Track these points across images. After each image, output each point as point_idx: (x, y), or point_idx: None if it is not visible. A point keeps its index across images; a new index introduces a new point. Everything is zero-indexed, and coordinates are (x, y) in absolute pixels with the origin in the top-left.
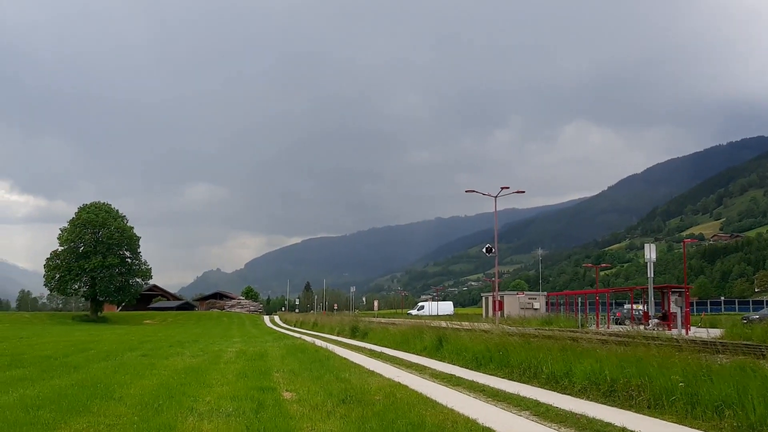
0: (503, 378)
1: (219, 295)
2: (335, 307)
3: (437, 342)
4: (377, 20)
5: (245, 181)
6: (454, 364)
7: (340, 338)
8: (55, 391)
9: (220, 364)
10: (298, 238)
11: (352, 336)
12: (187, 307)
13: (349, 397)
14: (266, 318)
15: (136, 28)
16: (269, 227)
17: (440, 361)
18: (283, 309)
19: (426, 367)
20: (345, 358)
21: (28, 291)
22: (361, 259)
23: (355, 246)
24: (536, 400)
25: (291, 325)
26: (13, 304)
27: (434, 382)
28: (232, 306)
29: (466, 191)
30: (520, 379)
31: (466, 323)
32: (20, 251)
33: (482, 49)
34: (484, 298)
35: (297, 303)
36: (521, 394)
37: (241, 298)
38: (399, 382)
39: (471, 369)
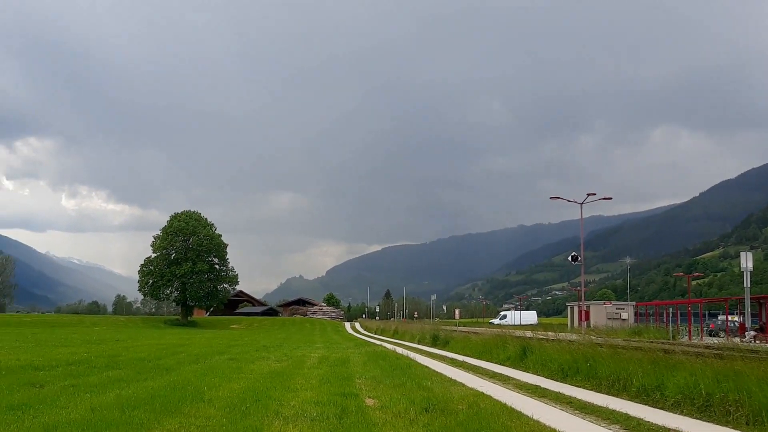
0: (591, 390)
1: (302, 302)
2: (415, 315)
3: (521, 352)
4: (456, 29)
5: (326, 190)
6: (538, 375)
7: (421, 346)
8: (148, 392)
9: (303, 369)
10: (378, 245)
11: (433, 344)
12: (271, 312)
13: (432, 406)
14: (347, 325)
15: (225, 44)
16: (350, 235)
17: (524, 371)
18: (363, 316)
19: (509, 377)
20: (427, 367)
21: (124, 295)
22: (441, 267)
23: (436, 254)
24: (626, 414)
25: (372, 333)
26: (110, 308)
27: (518, 392)
28: (314, 312)
29: (550, 198)
30: (609, 392)
31: (551, 333)
32: (116, 258)
33: (563, 52)
34: (569, 308)
35: (377, 310)
36: (610, 407)
37: (323, 304)
38: (482, 392)
39: (557, 380)
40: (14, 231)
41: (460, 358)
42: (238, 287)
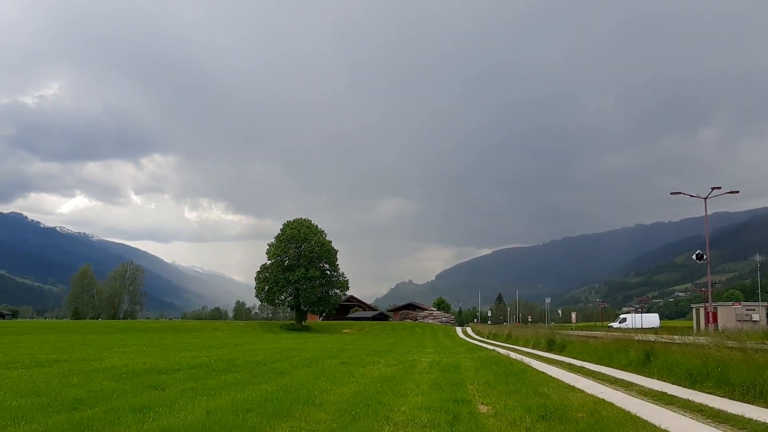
0: (723, 397)
1: (412, 306)
2: (529, 319)
3: (644, 356)
4: (565, 20)
5: (434, 194)
6: (664, 381)
7: (535, 351)
8: (262, 395)
9: (414, 374)
10: (488, 249)
11: (549, 349)
12: (382, 317)
13: (549, 414)
14: (458, 329)
15: (334, 57)
16: (459, 239)
17: (648, 377)
18: (475, 321)
19: (632, 383)
20: (542, 372)
21: (243, 301)
22: (555, 269)
23: (549, 256)
24: (765, 423)
25: (484, 337)
26: (231, 314)
27: (643, 399)
28: (425, 317)
29: (671, 193)
30: (743, 399)
31: (677, 336)
32: (235, 265)
33: (678, 41)
34: (694, 310)
35: (489, 315)
36: (746, 416)
37: (433, 309)
38: (603, 399)
39: (684, 386)
40: (143, 242)
41: (578, 363)
42: (348, 292)
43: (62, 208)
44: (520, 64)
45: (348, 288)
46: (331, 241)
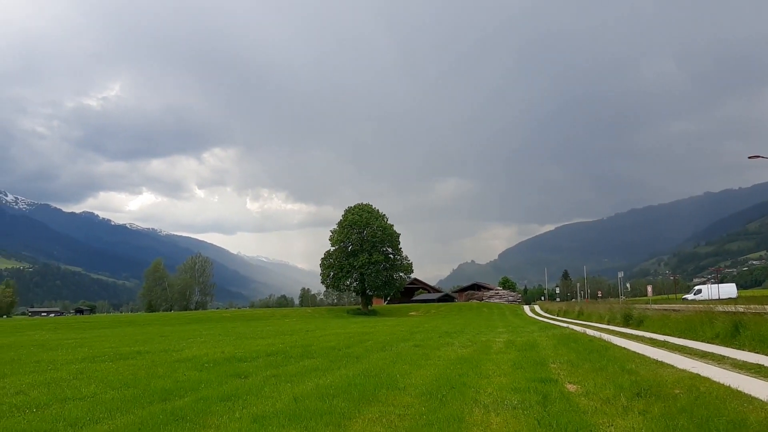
0: None
1: (476, 286)
2: (599, 295)
3: (732, 328)
4: None
5: (492, 172)
6: (757, 353)
7: (611, 327)
8: (344, 380)
9: (491, 355)
10: (551, 225)
11: (625, 324)
12: (447, 298)
13: (644, 391)
14: (526, 308)
15: (385, 39)
16: (520, 216)
17: (738, 349)
18: (542, 298)
19: (723, 356)
20: (625, 348)
21: (308, 288)
22: (621, 242)
23: (614, 229)
24: None
25: (553, 315)
26: (297, 301)
27: (739, 373)
28: (490, 297)
29: (749, 157)
30: None
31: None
32: (298, 253)
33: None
34: None
35: (557, 292)
36: None
37: (498, 288)
38: (698, 374)
39: None
40: (209, 235)
41: (660, 337)
42: (412, 275)
43: (130, 206)
44: (573, 31)
45: (412, 271)
46: (392, 225)
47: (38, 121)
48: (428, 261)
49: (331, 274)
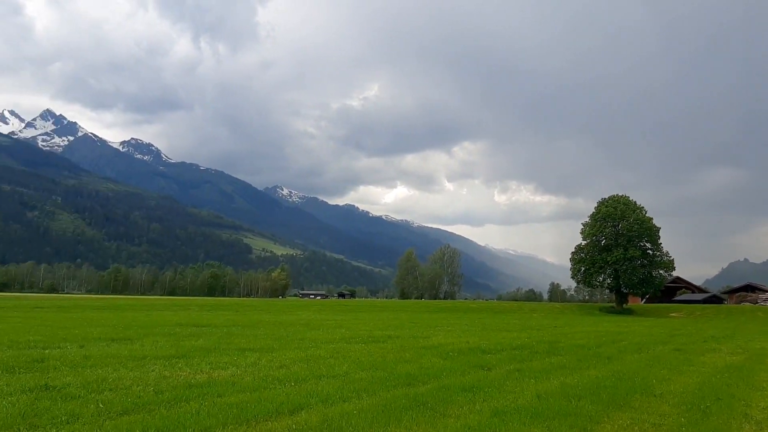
0: None
1: (750, 288)
2: None
3: None
4: None
5: None
6: None
7: None
8: (592, 381)
9: (766, 364)
10: None
11: None
12: (714, 300)
13: None
14: None
15: (639, 22)
16: None
17: None
18: None
19: None
20: None
21: (558, 283)
22: None
23: None
24: None
25: None
26: (545, 296)
27: None
28: (766, 299)
29: None
30: None
31: None
32: (547, 247)
33: None
34: None
35: None
36: None
37: None
38: None
39: None
40: (457, 227)
41: None
42: (673, 273)
43: (386, 198)
44: None
45: (673, 268)
46: (651, 218)
47: (309, 122)
48: (692, 259)
49: (583, 269)
